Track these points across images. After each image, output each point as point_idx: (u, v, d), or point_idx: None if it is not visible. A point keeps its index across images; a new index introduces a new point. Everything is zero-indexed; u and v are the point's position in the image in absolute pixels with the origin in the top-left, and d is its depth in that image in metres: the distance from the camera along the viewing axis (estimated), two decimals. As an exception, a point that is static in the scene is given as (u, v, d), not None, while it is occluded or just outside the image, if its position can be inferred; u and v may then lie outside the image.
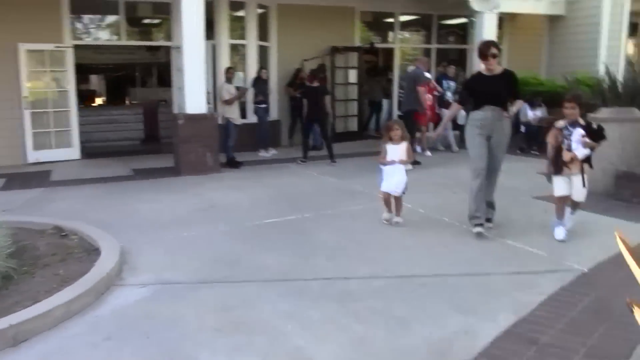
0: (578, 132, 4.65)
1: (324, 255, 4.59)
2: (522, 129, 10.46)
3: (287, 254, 4.66)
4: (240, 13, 11.17)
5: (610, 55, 12.00)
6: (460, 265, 4.30)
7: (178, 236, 5.22)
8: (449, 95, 10.68)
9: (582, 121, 4.75)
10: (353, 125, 12.54)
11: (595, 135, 4.65)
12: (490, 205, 5.28)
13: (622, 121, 6.46)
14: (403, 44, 13.31)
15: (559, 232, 4.85)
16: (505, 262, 4.35)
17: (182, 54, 8.61)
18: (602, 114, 6.66)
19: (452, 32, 13.77)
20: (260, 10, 11.31)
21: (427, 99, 9.91)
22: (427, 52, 13.33)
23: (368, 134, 13.11)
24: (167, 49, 12.14)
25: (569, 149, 4.71)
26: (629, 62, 14.58)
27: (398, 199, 5.48)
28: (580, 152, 4.67)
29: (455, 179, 7.58)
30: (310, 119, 9.60)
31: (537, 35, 13.30)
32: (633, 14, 12.66)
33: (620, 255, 4.14)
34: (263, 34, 11.47)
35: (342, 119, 12.24)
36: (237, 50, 11.30)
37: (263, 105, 10.36)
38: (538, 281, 3.92)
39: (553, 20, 12.99)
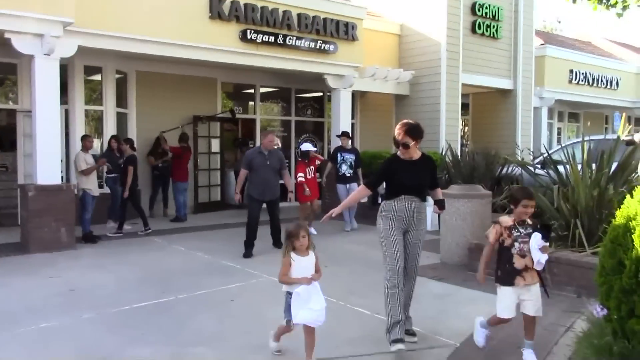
0: (537, 237, 3.80)
1: (204, 343, 4.40)
2: (380, 200, 11.08)
3: (164, 342, 4.40)
4: (97, 77, 10.72)
5: (449, 132, 13.43)
6: (340, 348, 4.31)
7: (35, 329, 4.68)
8: (344, 168, 10.06)
9: (530, 221, 3.98)
10: (216, 195, 12.42)
11: (548, 236, 3.88)
12: (407, 317, 4.50)
13: (470, 197, 7.17)
14: (264, 115, 13.67)
15: (479, 337, 4.20)
16: (384, 340, 4.44)
17: (33, 120, 7.99)
18: (453, 190, 7.35)
19: (309, 106, 14.46)
20: (118, 76, 10.96)
21: (306, 173, 9.36)
22: (287, 124, 13.82)
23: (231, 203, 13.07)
24: (9, 112, 11.20)
25: (522, 255, 3.88)
26: (463, 137, 16.45)
27: (312, 333, 3.89)
28: (543, 259, 3.80)
29: (326, 251, 7.76)
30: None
31: (386, 112, 14.49)
32: (463, 95, 14.40)
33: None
34: (122, 101, 11.09)
35: (205, 188, 12.08)
36: (92, 117, 10.76)
37: (112, 175, 9.75)
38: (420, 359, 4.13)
39: (399, 99, 14.28)
